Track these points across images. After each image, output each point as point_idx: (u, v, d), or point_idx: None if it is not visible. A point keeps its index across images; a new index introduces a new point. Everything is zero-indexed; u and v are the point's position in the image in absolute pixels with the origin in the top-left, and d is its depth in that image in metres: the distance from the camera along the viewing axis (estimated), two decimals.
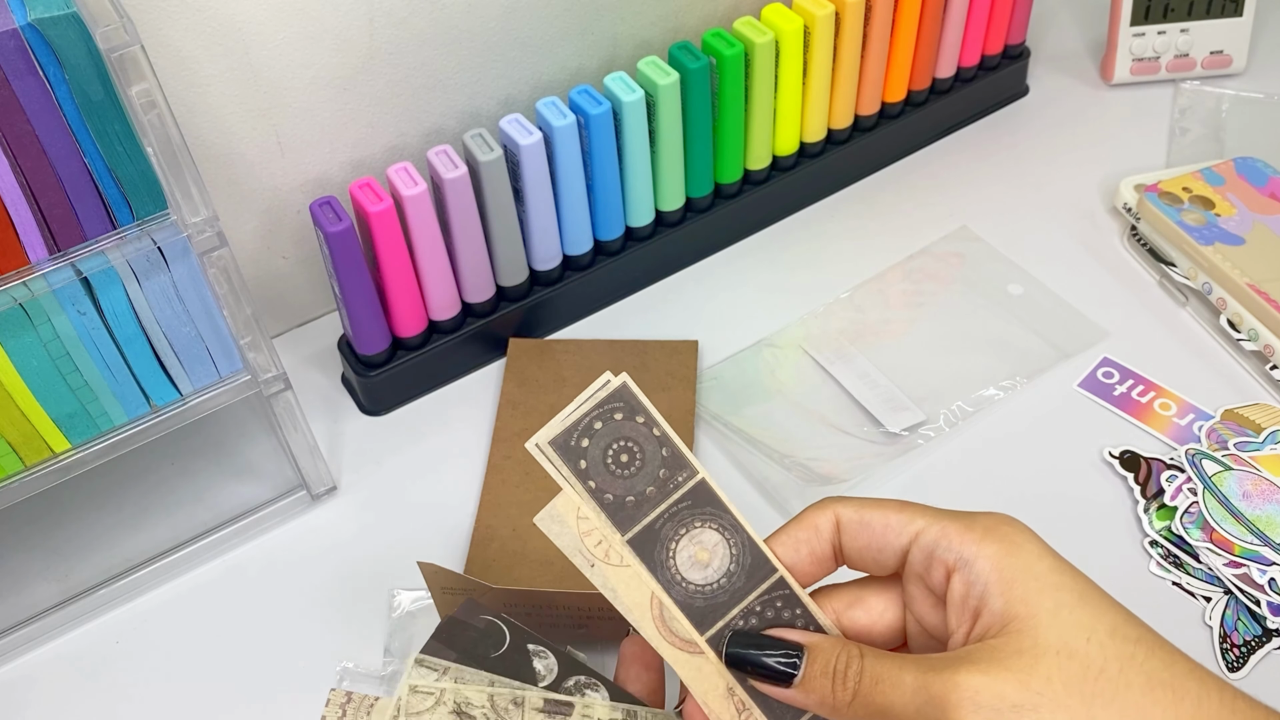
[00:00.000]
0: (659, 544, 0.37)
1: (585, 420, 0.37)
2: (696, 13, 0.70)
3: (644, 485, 0.37)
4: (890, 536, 0.37)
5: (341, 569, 0.57)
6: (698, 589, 0.37)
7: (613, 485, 0.37)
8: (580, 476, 0.36)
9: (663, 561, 0.37)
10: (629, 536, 0.37)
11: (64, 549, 0.58)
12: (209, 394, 0.52)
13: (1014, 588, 0.33)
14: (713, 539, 0.38)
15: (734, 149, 0.67)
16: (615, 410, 0.37)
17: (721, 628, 0.37)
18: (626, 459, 0.37)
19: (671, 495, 0.37)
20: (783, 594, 0.38)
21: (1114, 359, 0.63)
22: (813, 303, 0.67)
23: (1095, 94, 0.80)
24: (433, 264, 0.60)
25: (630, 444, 0.37)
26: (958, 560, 0.35)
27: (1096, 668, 0.32)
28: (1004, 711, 0.31)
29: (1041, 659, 0.32)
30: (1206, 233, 0.65)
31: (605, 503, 0.37)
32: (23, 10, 0.41)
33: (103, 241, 0.46)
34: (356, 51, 0.60)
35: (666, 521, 0.37)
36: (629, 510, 0.37)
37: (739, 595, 0.38)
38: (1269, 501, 0.55)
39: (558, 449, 0.36)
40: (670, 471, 0.37)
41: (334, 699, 0.44)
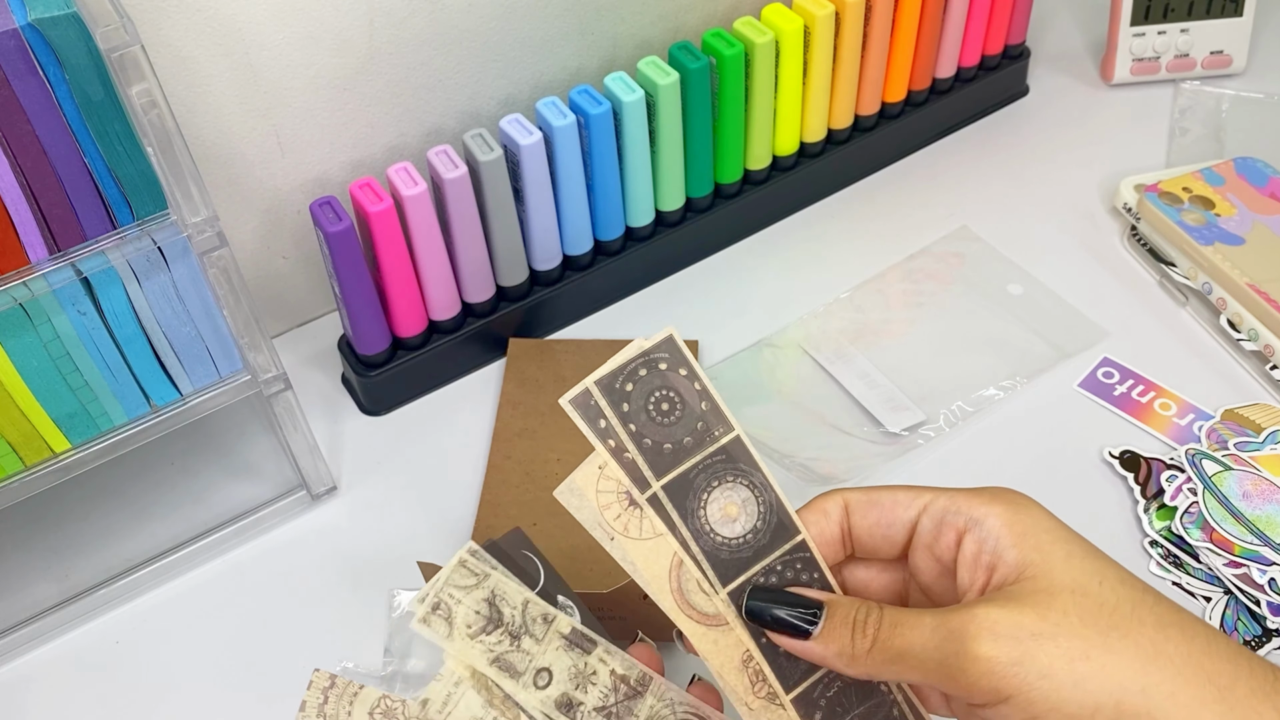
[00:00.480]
0: (692, 493, 0.38)
1: (632, 365, 0.37)
2: (696, 13, 0.70)
3: (682, 435, 0.38)
4: (899, 510, 0.37)
5: (341, 569, 0.57)
6: (724, 541, 0.38)
7: (652, 431, 0.38)
8: (622, 419, 0.37)
9: (694, 510, 0.38)
10: (664, 482, 0.38)
11: (64, 549, 0.58)
12: (209, 394, 0.52)
13: (1027, 538, 0.34)
14: (742, 495, 0.38)
15: (734, 149, 0.67)
16: (660, 360, 0.38)
17: (743, 582, 0.38)
18: (667, 407, 0.38)
19: (707, 448, 0.38)
20: (803, 556, 0.39)
21: (1114, 359, 0.63)
22: (813, 303, 0.67)
23: (1095, 94, 0.80)
24: (433, 264, 0.60)
25: (671, 394, 0.38)
26: (968, 522, 0.35)
27: (1110, 606, 0.33)
28: (1022, 640, 0.32)
29: (1058, 596, 0.33)
30: (1206, 233, 0.65)
31: (644, 447, 0.38)
32: (23, 10, 0.41)
33: (103, 241, 0.46)
34: (356, 51, 0.60)
35: (700, 473, 0.38)
36: (666, 457, 0.38)
37: (762, 553, 0.38)
38: (1269, 501, 0.55)
39: (604, 390, 0.37)
40: (707, 425, 0.38)
41: (316, 681, 0.43)
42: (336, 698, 0.43)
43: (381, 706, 0.43)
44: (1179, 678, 0.31)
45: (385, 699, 0.43)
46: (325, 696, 0.43)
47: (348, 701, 0.43)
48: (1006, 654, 0.32)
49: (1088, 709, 0.31)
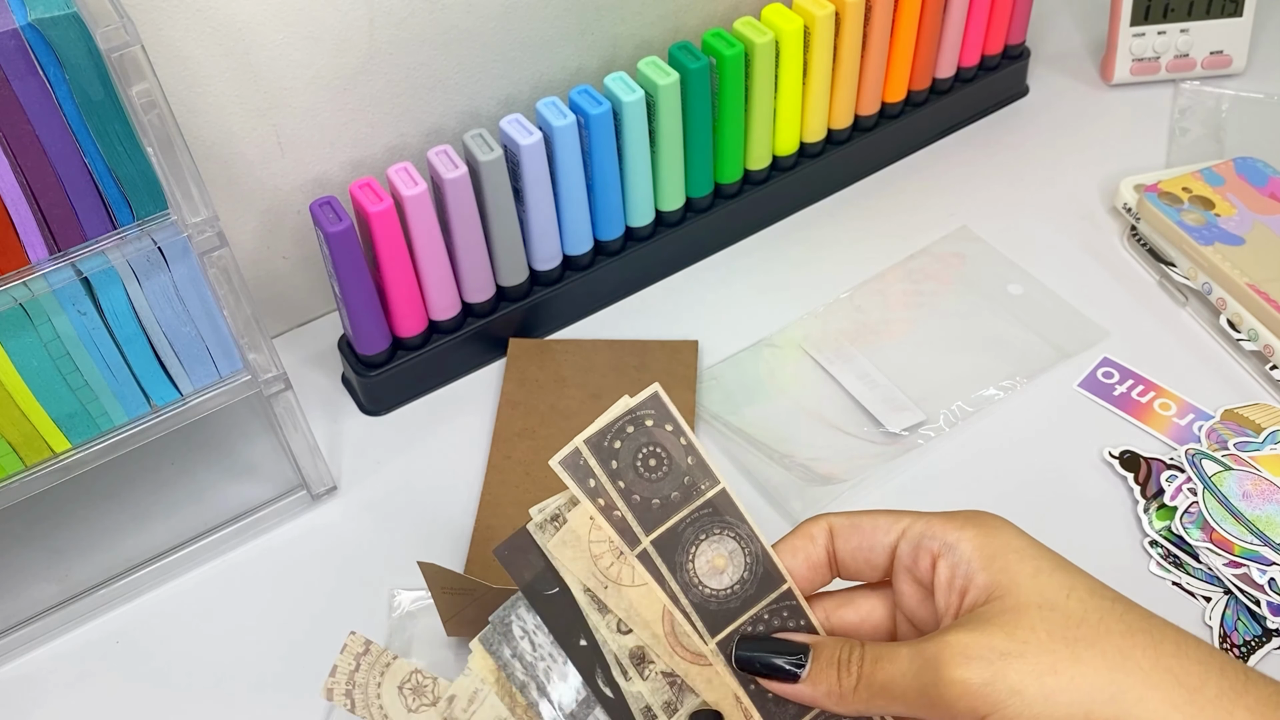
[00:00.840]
0: (680, 547, 0.39)
1: (619, 423, 0.39)
2: (696, 13, 0.70)
3: (669, 490, 0.39)
4: (879, 535, 0.38)
5: (341, 569, 0.57)
6: (712, 593, 0.39)
7: (640, 487, 0.39)
8: (611, 476, 0.38)
9: (682, 564, 0.39)
10: (653, 537, 0.39)
11: (64, 549, 0.58)
12: (209, 394, 0.52)
13: (994, 560, 0.35)
14: (729, 546, 0.39)
15: (734, 149, 0.67)
16: (646, 417, 0.39)
17: (730, 633, 0.39)
18: (654, 463, 0.39)
19: (694, 501, 0.39)
20: (789, 605, 0.39)
21: (1114, 359, 0.63)
22: (813, 303, 0.67)
23: (1095, 94, 0.80)
24: (433, 264, 0.60)
25: (659, 449, 0.39)
26: (942, 546, 0.37)
27: (1077, 618, 0.33)
28: (992, 660, 0.33)
29: (1025, 613, 0.34)
30: (1206, 233, 0.65)
31: (633, 503, 0.39)
32: (23, 10, 0.41)
33: (103, 241, 0.46)
34: (356, 52, 0.60)
35: (688, 526, 0.39)
36: (654, 512, 0.39)
37: (749, 603, 0.39)
38: (1269, 501, 0.55)
39: (592, 448, 0.38)
40: (694, 479, 0.39)
41: (351, 645, 0.42)
42: (369, 665, 0.42)
43: (412, 681, 0.42)
44: (1146, 682, 0.32)
45: (417, 674, 0.42)
46: (357, 663, 0.43)
47: (379, 672, 0.42)
48: (979, 675, 0.33)
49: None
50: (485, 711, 0.40)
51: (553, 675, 0.40)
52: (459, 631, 0.51)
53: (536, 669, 0.40)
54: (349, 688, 0.42)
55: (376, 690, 0.42)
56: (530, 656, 0.40)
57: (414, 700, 0.42)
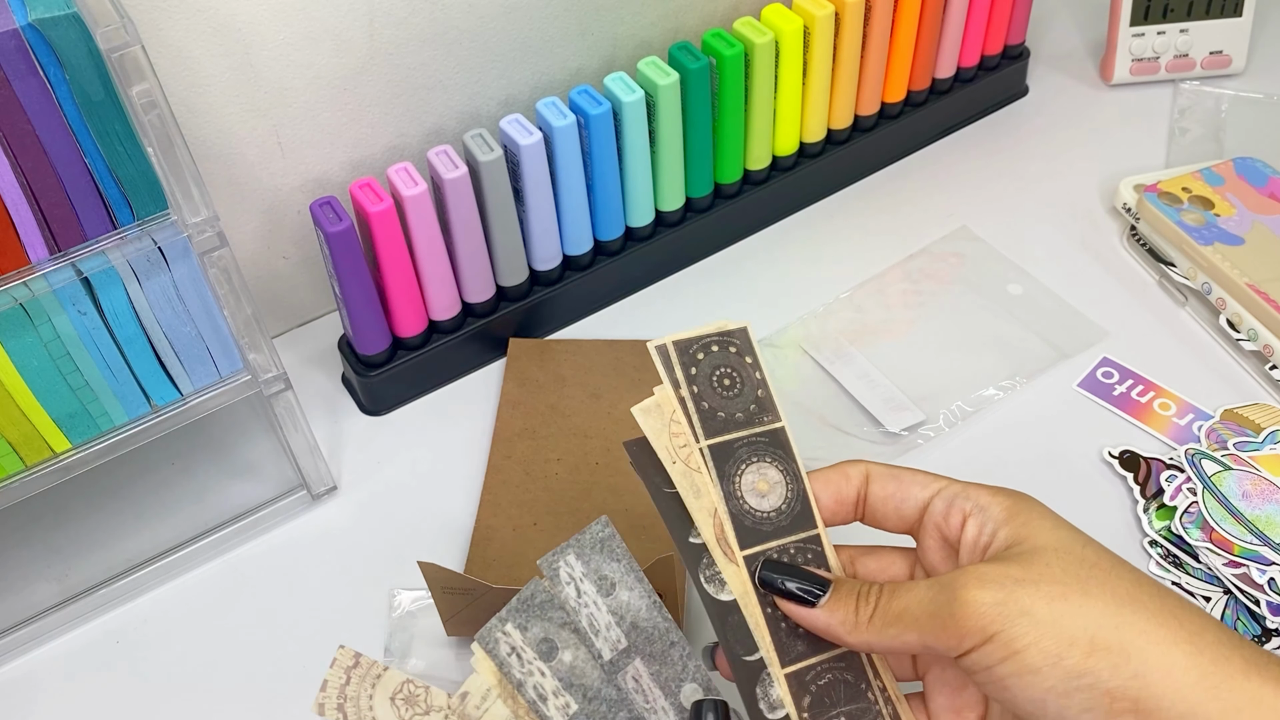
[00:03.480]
0: (731, 459, 0.41)
1: (706, 340, 0.41)
2: (696, 13, 0.70)
3: (735, 410, 0.41)
4: (916, 488, 0.40)
5: (341, 569, 0.57)
6: (750, 510, 0.41)
7: (711, 398, 0.41)
8: (689, 379, 0.40)
9: (729, 474, 0.41)
10: (710, 443, 0.40)
11: (64, 549, 0.58)
12: (209, 394, 0.52)
13: (1017, 518, 0.37)
14: (775, 476, 0.41)
15: (734, 149, 0.67)
16: (731, 344, 0.42)
17: (757, 552, 0.40)
18: (729, 383, 0.41)
19: (755, 427, 0.41)
20: (815, 548, 0.41)
21: (1113, 359, 0.63)
22: (813, 303, 0.67)
23: (1095, 94, 0.80)
24: (433, 264, 0.60)
25: (734, 373, 0.42)
26: (974, 507, 0.38)
27: (1091, 561, 0.36)
28: (1006, 584, 0.35)
29: (1040, 554, 0.36)
30: (1206, 233, 0.65)
31: (700, 409, 0.40)
32: (23, 10, 0.41)
33: (103, 241, 0.46)
34: (357, 52, 0.60)
35: (743, 446, 0.41)
36: (717, 423, 0.41)
37: (780, 533, 0.41)
38: (1268, 501, 0.55)
39: (679, 349, 0.41)
40: (759, 409, 0.42)
41: (340, 659, 0.42)
42: (359, 678, 0.42)
43: (404, 692, 0.42)
44: (1152, 620, 0.34)
45: (409, 683, 0.42)
46: (348, 676, 0.42)
47: (370, 684, 0.42)
48: (991, 596, 0.34)
49: (1064, 642, 0.34)
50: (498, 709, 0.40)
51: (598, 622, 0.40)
52: (459, 631, 0.51)
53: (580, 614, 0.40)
54: (340, 701, 0.42)
55: (369, 702, 0.42)
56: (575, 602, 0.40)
57: (407, 710, 0.42)
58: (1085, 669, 0.33)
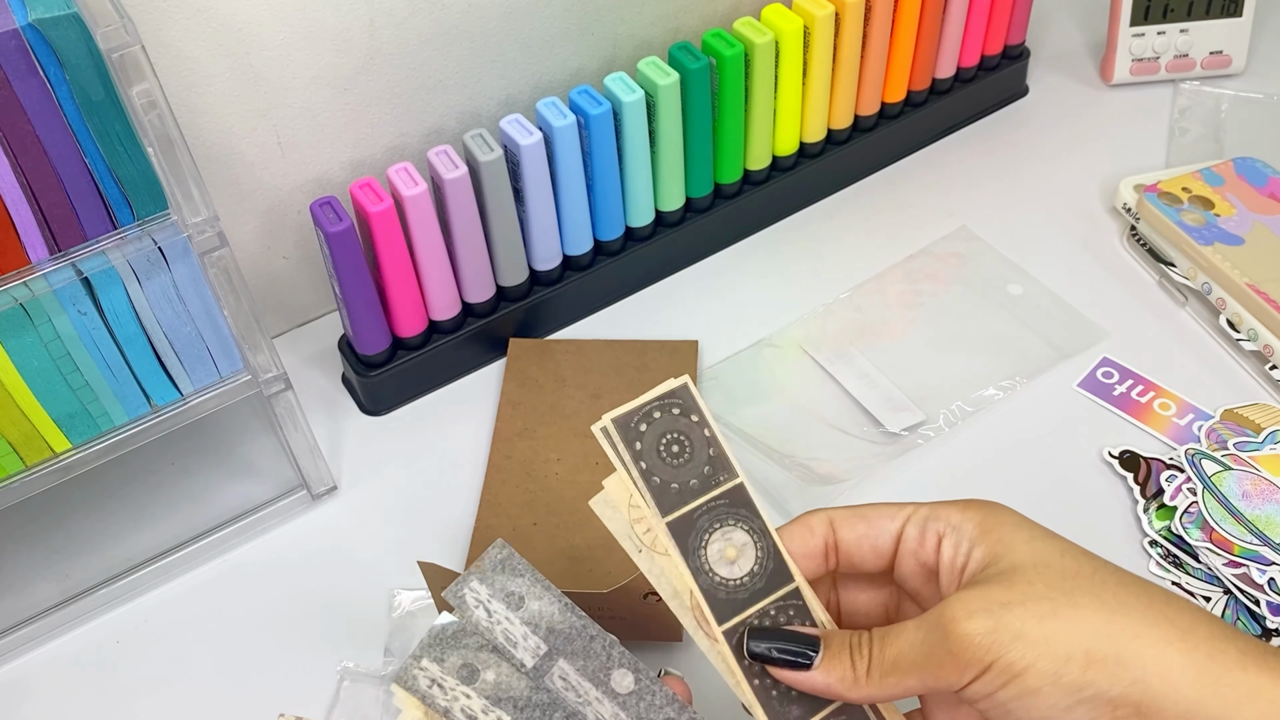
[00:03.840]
0: (694, 532, 0.39)
1: (647, 408, 0.40)
2: (696, 13, 0.70)
3: (688, 477, 0.40)
4: (885, 521, 0.39)
5: (341, 569, 0.57)
6: (722, 581, 0.39)
7: (661, 470, 0.39)
8: (634, 456, 0.39)
9: (695, 549, 0.39)
10: (669, 519, 0.39)
11: (64, 549, 0.58)
12: (209, 394, 0.52)
13: (990, 533, 0.37)
14: (742, 539, 0.40)
15: (734, 149, 0.67)
16: (673, 405, 0.40)
17: (737, 623, 0.39)
18: (677, 449, 0.40)
19: (712, 491, 0.40)
20: (796, 603, 0.40)
21: (1113, 359, 0.63)
22: (813, 303, 0.67)
23: (1095, 94, 0.80)
24: (433, 264, 0.60)
25: (682, 437, 0.40)
26: (946, 527, 0.38)
27: (1072, 571, 0.35)
28: (994, 610, 0.34)
29: (1021, 571, 0.35)
30: (1206, 233, 0.65)
31: (652, 485, 0.39)
32: (23, 10, 0.41)
33: (103, 241, 0.46)
34: (357, 52, 0.60)
35: (704, 514, 0.40)
36: (672, 496, 0.39)
37: (758, 596, 0.40)
38: (1268, 501, 0.55)
39: (619, 427, 0.39)
40: (713, 470, 0.40)
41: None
42: None
43: None
44: (1142, 622, 0.34)
45: None
46: None
47: None
48: (982, 625, 0.34)
49: (1060, 659, 0.33)
50: None
51: (514, 635, 0.40)
52: None
53: (495, 632, 0.40)
54: None
55: None
56: (487, 623, 0.40)
57: None
58: (1085, 682, 0.33)
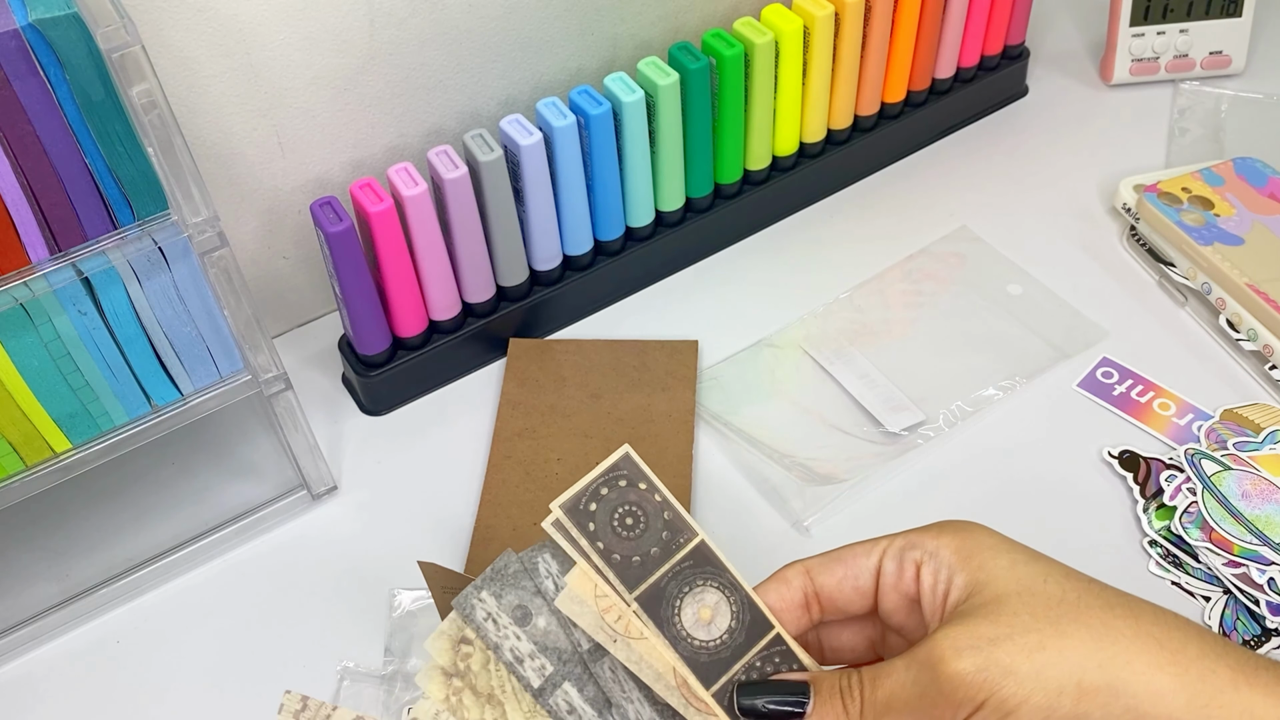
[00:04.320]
0: (665, 601, 0.39)
1: (593, 486, 0.39)
2: (696, 13, 0.70)
3: (648, 546, 0.39)
4: (860, 559, 0.39)
5: (341, 569, 0.57)
6: (702, 645, 0.39)
7: (620, 546, 0.39)
8: (590, 538, 0.39)
9: (669, 619, 0.39)
10: (637, 594, 0.39)
11: (64, 549, 0.58)
12: (210, 394, 0.52)
13: (971, 559, 0.37)
14: (714, 597, 0.39)
15: (734, 149, 0.67)
16: (619, 478, 0.39)
17: (725, 683, 0.39)
18: (631, 522, 0.39)
19: (674, 555, 0.39)
20: (780, 649, 0.40)
21: (1113, 359, 0.63)
22: (813, 303, 0.67)
23: (1095, 94, 0.80)
24: (433, 264, 0.60)
25: (634, 508, 0.39)
26: (924, 555, 0.38)
27: (1056, 598, 0.35)
28: (982, 647, 0.34)
29: (1006, 601, 0.35)
30: (1206, 233, 0.65)
31: (614, 562, 0.39)
32: (23, 11, 0.41)
33: (104, 241, 0.46)
34: (357, 52, 0.60)
35: (671, 580, 0.39)
36: (635, 570, 0.39)
37: (740, 652, 0.39)
38: (1268, 501, 0.55)
39: (568, 512, 0.39)
40: (672, 534, 0.39)
41: (287, 704, 0.43)
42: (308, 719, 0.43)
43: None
44: (1132, 648, 0.33)
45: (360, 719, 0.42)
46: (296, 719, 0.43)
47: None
48: (971, 664, 0.34)
49: (1052, 694, 0.33)
50: None
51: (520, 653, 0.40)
52: None
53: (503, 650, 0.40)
54: None
55: None
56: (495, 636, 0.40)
57: None
58: (1078, 714, 0.33)
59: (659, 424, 0.60)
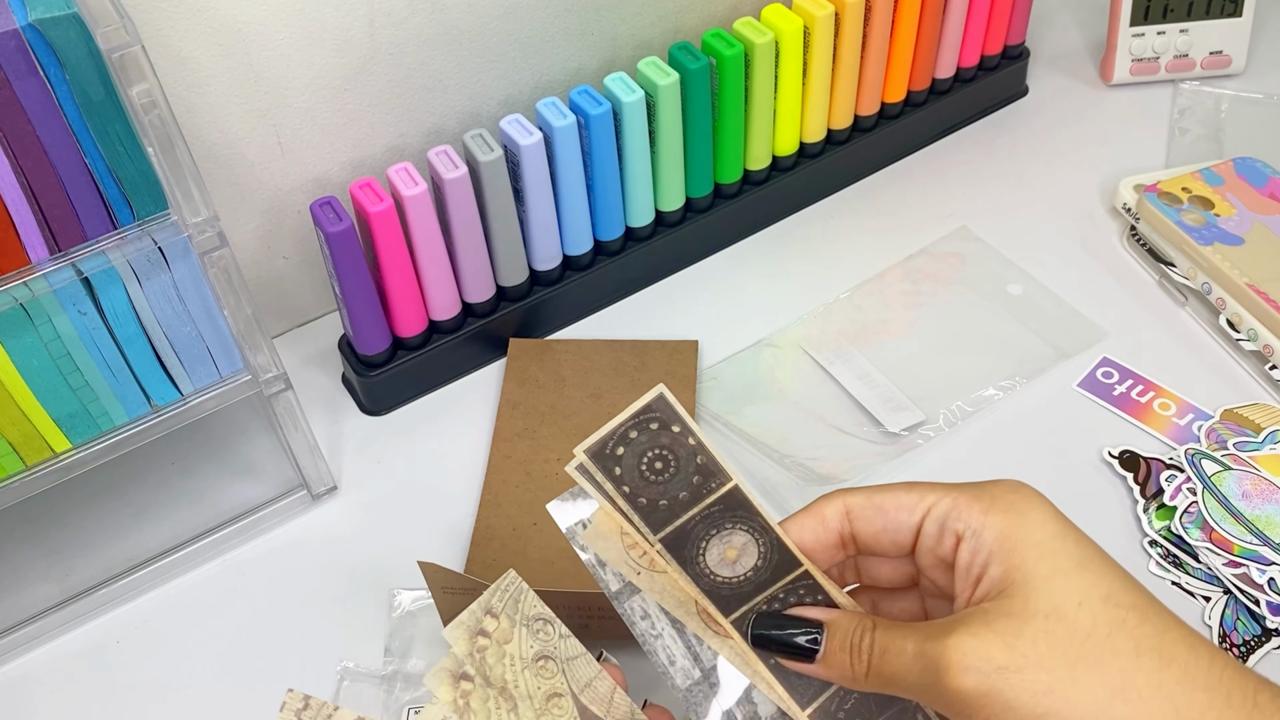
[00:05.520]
0: (690, 543, 0.38)
1: (621, 430, 0.37)
2: (696, 13, 0.70)
3: (677, 490, 0.38)
4: (903, 515, 0.38)
5: (341, 569, 0.57)
6: (724, 580, 0.38)
7: (647, 490, 0.37)
8: (615, 482, 0.37)
9: (692, 558, 0.38)
10: (661, 536, 0.38)
11: (64, 549, 0.58)
12: (210, 394, 0.52)
13: (1013, 555, 0.34)
14: (742, 539, 0.38)
15: (734, 149, 0.67)
16: (651, 421, 0.37)
17: (745, 611, 0.39)
18: (661, 465, 0.37)
19: (704, 500, 0.38)
20: (806, 584, 0.39)
21: (1113, 359, 0.63)
22: (812, 303, 0.67)
23: (1095, 94, 0.80)
24: (433, 264, 0.60)
25: (665, 452, 0.37)
26: (966, 529, 0.36)
27: (1084, 632, 0.32)
28: (989, 674, 0.32)
29: (1029, 622, 0.33)
30: (1206, 233, 0.65)
31: (639, 505, 0.38)
32: (23, 11, 0.41)
33: (103, 241, 0.46)
34: (357, 52, 0.60)
35: (699, 523, 0.38)
36: (661, 513, 0.38)
37: (764, 586, 0.39)
38: (1268, 501, 0.55)
39: (593, 457, 0.37)
40: (703, 478, 0.38)
41: (289, 703, 0.43)
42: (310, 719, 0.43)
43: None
44: (1145, 713, 0.31)
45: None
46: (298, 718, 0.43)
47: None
48: (974, 686, 0.32)
49: None
50: None
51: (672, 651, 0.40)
52: None
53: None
54: None
55: None
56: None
57: None
58: None
59: None
